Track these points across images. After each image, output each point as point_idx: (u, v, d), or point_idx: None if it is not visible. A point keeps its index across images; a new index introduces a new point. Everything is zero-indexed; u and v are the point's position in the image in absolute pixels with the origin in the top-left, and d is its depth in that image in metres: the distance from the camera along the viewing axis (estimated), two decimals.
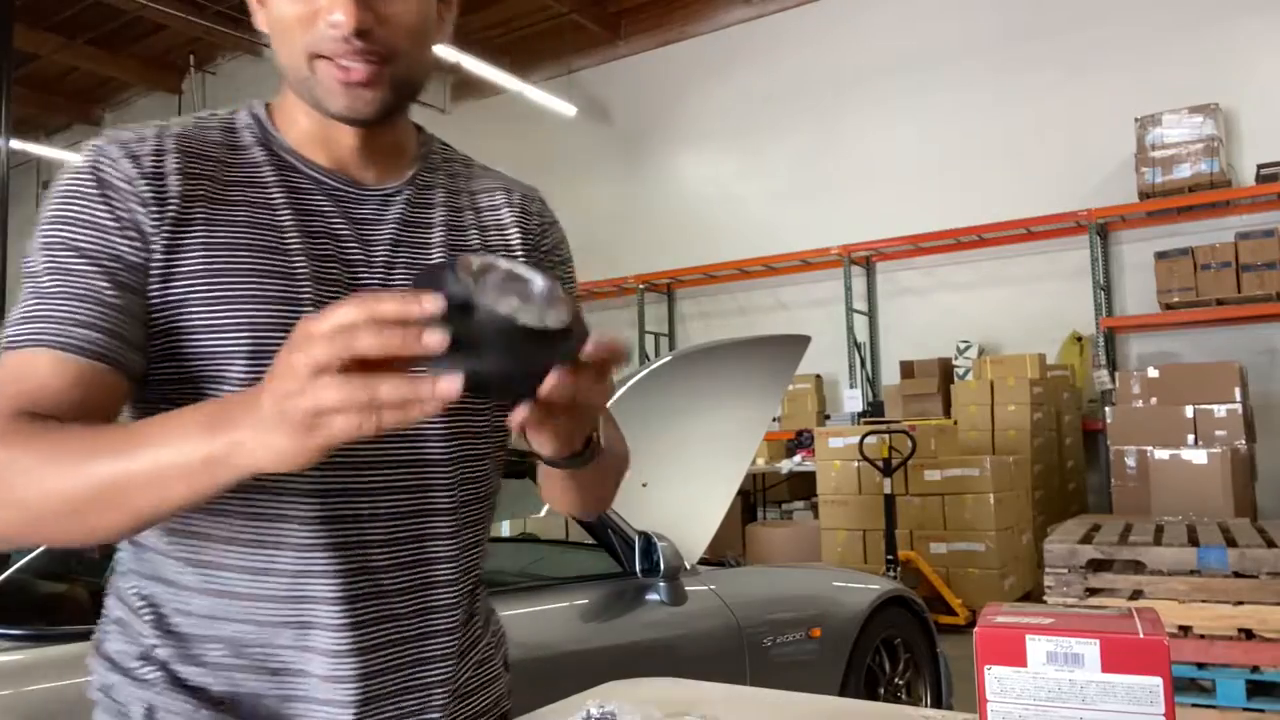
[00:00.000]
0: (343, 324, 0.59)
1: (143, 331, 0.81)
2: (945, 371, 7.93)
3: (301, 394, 0.59)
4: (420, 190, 0.98)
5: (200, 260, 0.82)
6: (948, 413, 7.42)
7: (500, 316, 0.59)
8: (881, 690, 3.24)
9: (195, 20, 9.61)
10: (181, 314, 0.81)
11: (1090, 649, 0.67)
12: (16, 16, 8.08)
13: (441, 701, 0.90)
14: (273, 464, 0.62)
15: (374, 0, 0.81)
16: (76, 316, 0.77)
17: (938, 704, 3.42)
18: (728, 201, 9.82)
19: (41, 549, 1.88)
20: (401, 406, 0.58)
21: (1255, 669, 3.13)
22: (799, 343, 3.52)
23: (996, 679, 0.69)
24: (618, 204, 10.56)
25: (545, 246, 1.09)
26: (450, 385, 0.58)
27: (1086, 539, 3.53)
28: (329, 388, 0.58)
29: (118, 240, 0.80)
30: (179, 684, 0.82)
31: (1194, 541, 3.38)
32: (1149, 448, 5.40)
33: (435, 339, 0.58)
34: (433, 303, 0.59)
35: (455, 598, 0.91)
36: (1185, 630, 3.19)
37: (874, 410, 8.04)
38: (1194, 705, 3.19)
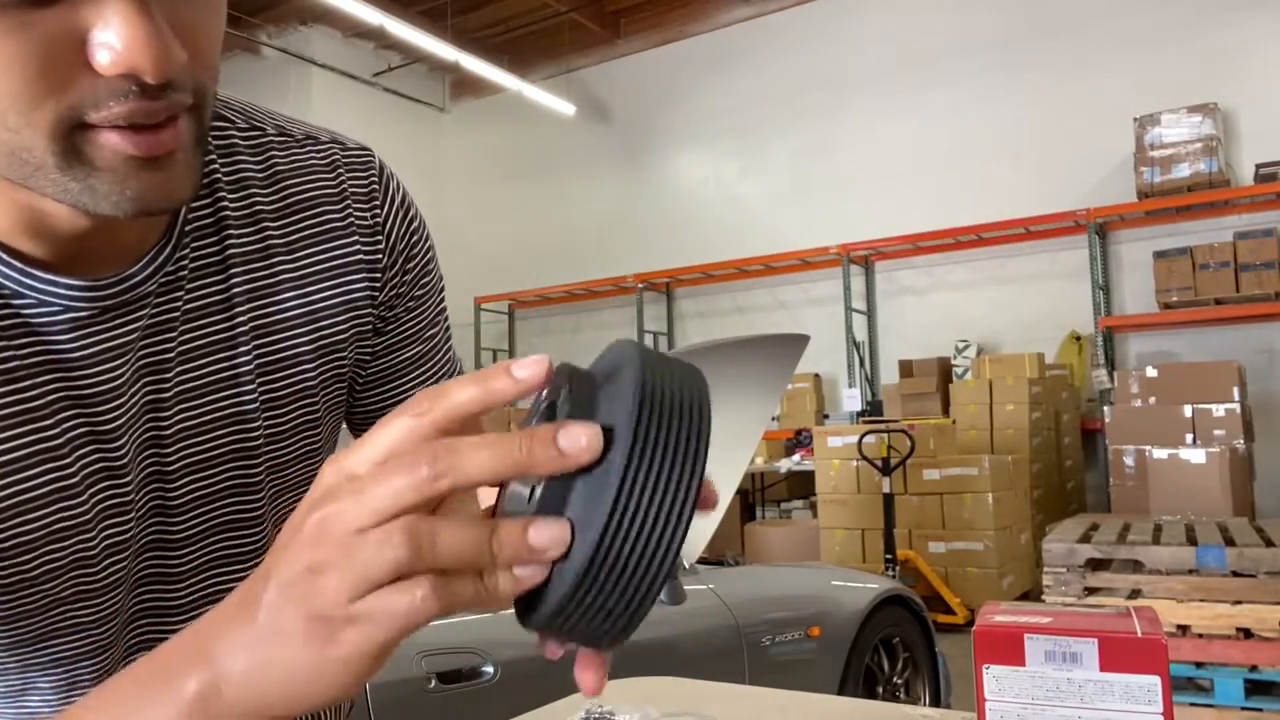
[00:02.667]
0: (415, 436, 0.39)
1: None
2: (944, 371, 7.94)
3: (334, 567, 0.38)
4: (196, 245, 0.63)
5: None
6: (946, 412, 7.42)
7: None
8: (880, 689, 3.24)
9: None
10: None
11: (1088, 648, 0.67)
12: None
13: None
14: (285, 700, 0.40)
15: (177, 17, 0.47)
16: None
17: (936, 703, 3.42)
18: (727, 200, 9.82)
19: None
20: (519, 562, 0.39)
21: (1253, 668, 3.14)
22: (798, 342, 3.52)
23: (995, 678, 0.69)
24: (616, 203, 10.57)
25: (410, 273, 0.74)
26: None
27: (1085, 538, 3.53)
28: (385, 545, 0.37)
29: None
30: None
31: (1192, 541, 3.38)
32: (1147, 447, 5.41)
33: (588, 438, 0.37)
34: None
35: None
36: (1183, 629, 3.20)
37: (873, 409, 8.04)
38: (1192, 704, 3.20)
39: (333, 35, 10.49)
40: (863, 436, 6.10)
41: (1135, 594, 3.31)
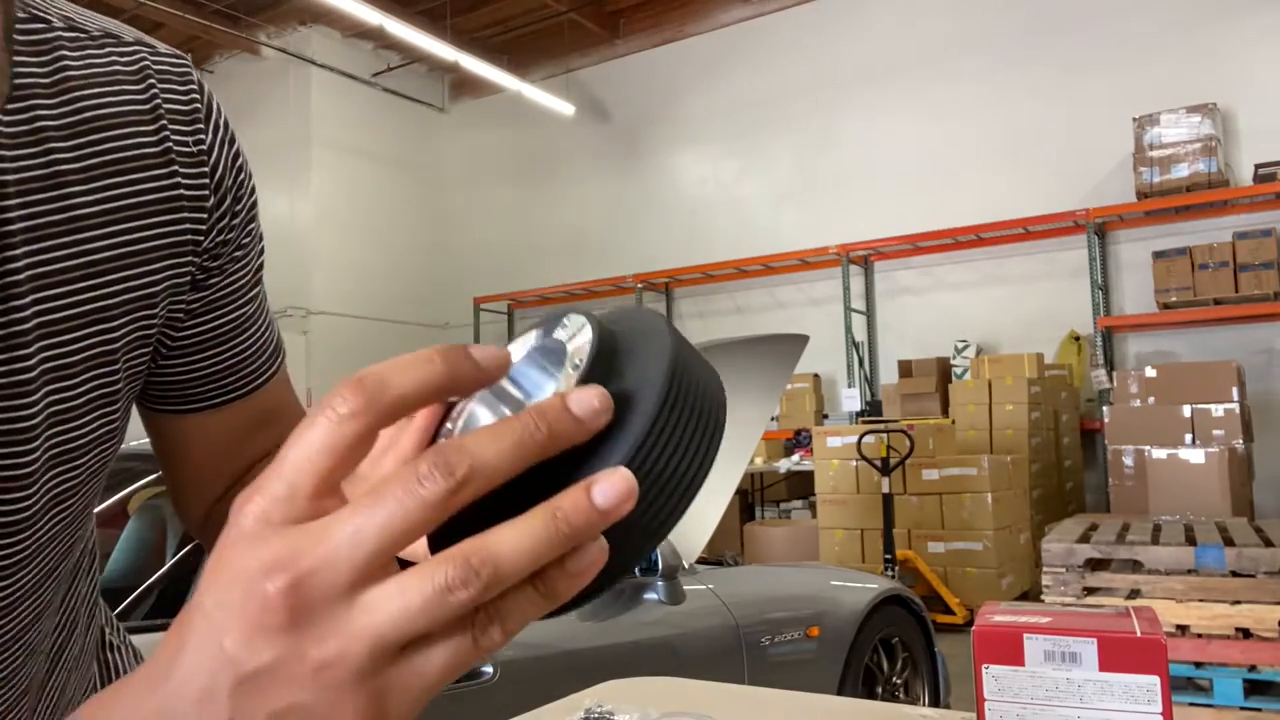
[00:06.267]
0: (357, 442, 0.31)
1: None
2: (943, 371, 7.94)
3: (345, 635, 0.29)
4: None
5: None
6: (945, 412, 7.42)
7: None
8: (879, 689, 3.25)
9: (193, 19, 9.61)
10: None
11: (1088, 648, 0.67)
12: None
13: None
14: None
15: None
16: None
17: (935, 703, 3.42)
18: (726, 201, 9.83)
19: None
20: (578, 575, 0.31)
21: (1253, 668, 3.14)
22: (797, 342, 3.53)
23: (994, 678, 0.69)
24: (616, 203, 10.57)
25: (239, 216, 0.63)
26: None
27: (1084, 538, 3.53)
28: (427, 595, 0.29)
29: None
30: None
31: (1191, 541, 3.38)
32: (1146, 447, 5.41)
33: (597, 402, 0.31)
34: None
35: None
36: (1183, 629, 3.20)
37: (872, 409, 8.05)
38: (1191, 704, 3.20)
39: (332, 35, 10.49)
40: (862, 437, 6.10)
41: (1134, 594, 3.31)
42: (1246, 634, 3.13)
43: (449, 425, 0.37)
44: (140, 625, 1.78)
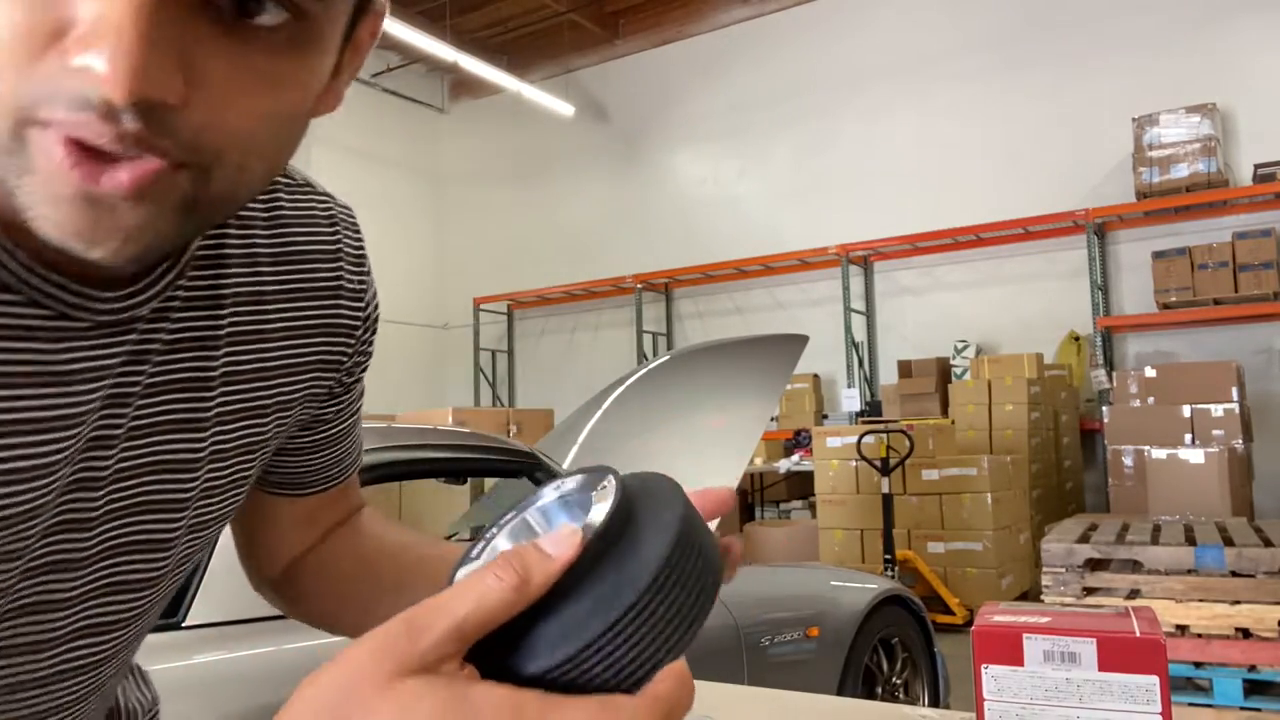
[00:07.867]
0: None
1: None
2: (943, 371, 7.94)
3: None
4: (193, 275, 0.57)
5: None
6: (945, 412, 7.42)
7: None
8: (879, 689, 3.24)
9: None
10: None
11: (1087, 648, 0.67)
12: None
13: None
14: None
15: (193, 57, 0.39)
16: None
17: (935, 703, 3.42)
18: (725, 201, 9.83)
19: None
20: None
21: (1252, 668, 3.14)
22: (797, 342, 3.52)
23: (994, 678, 0.69)
24: (615, 203, 10.57)
25: (370, 342, 0.73)
26: None
27: (1084, 538, 3.53)
28: None
29: None
30: None
31: (1191, 541, 3.38)
32: (1146, 447, 5.41)
33: None
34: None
35: None
36: (1182, 629, 3.20)
37: (872, 410, 8.05)
38: (1191, 704, 3.20)
39: None
40: (862, 437, 6.10)
41: (1134, 594, 3.31)
42: (1246, 634, 3.13)
43: (476, 550, 0.42)
44: None
